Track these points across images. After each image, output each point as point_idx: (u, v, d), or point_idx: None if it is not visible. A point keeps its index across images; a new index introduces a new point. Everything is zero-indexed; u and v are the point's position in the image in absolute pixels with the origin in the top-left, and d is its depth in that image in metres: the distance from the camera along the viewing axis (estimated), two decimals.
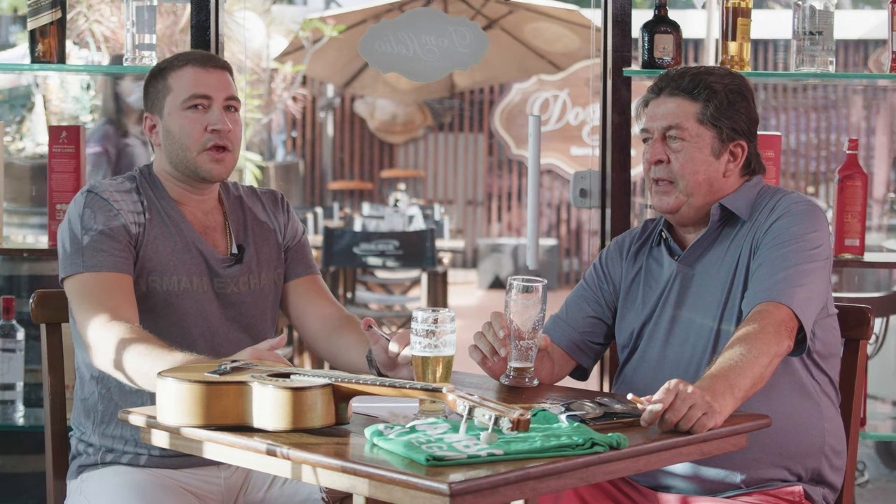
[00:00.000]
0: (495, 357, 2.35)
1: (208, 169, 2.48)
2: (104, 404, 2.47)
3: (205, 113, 2.48)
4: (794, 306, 2.30)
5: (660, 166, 2.49)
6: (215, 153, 2.48)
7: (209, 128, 2.47)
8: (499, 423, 1.79)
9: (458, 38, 3.38)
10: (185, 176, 2.52)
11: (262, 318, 2.59)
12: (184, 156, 2.49)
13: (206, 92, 2.48)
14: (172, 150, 2.50)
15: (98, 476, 2.44)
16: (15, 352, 3.32)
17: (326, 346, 2.58)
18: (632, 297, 2.60)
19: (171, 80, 2.49)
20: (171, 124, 2.49)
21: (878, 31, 11.84)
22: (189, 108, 2.47)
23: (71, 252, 2.40)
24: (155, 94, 2.52)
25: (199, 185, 2.53)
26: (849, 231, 3.25)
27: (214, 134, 2.47)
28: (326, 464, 1.83)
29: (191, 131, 2.47)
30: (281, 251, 2.64)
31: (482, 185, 13.71)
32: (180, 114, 2.48)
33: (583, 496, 2.41)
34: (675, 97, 2.49)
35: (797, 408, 2.40)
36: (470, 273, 13.06)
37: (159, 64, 2.55)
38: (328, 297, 2.66)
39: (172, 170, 2.52)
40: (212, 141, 2.47)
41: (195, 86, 2.48)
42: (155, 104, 2.52)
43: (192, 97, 2.47)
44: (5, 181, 3.86)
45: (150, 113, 2.54)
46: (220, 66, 2.52)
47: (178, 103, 2.48)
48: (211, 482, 2.51)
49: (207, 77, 2.49)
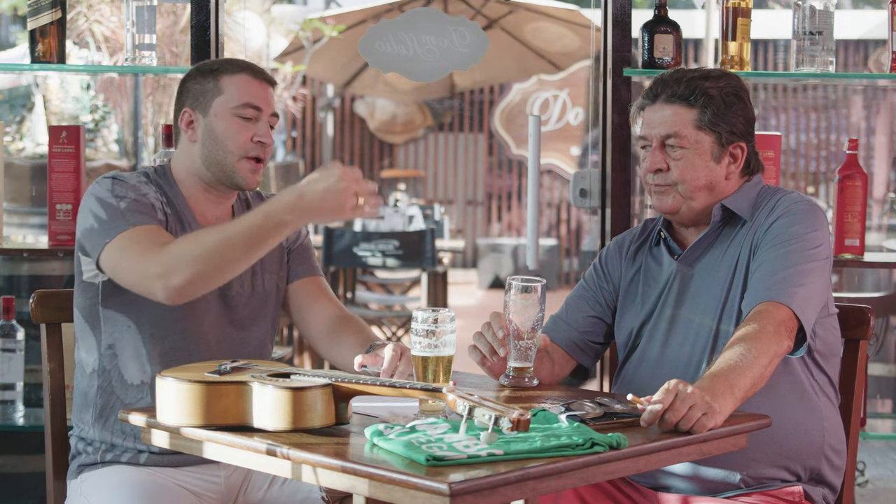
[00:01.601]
0: (495, 357, 2.35)
1: (244, 177, 2.50)
2: (104, 398, 2.47)
3: (253, 123, 2.50)
4: (793, 306, 2.30)
5: (659, 174, 2.49)
6: (254, 163, 2.50)
7: (255, 138, 2.49)
8: (499, 423, 1.79)
9: (458, 38, 3.38)
10: (214, 178, 2.52)
11: (264, 320, 2.59)
12: (223, 158, 2.49)
13: (259, 103, 2.50)
14: (211, 149, 2.50)
15: (98, 476, 2.44)
16: (15, 352, 3.32)
17: (328, 347, 2.58)
18: (631, 297, 2.60)
19: (224, 82, 2.50)
20: (217, 125, 2.49)
21: (878, 31, 11.84)
22: (239, 115, 2.49)
23: (109, 218, 2.37)
24: (201, 92, 2.51)
25: (224, 189, 2.54)
26: (849, 231, 3.25)
27: (258, 146, 2.50)
28: (326, 464, 1.83)
29: (237, 137, 2.48)
30: (284, 254, 2.64)
31: (482, 185, 13.71)
32: (230, 118, 2.49)
33: (583, 496, 2.41)
34: (672, 104, 2.48)
35: (797, 408, 2.40)
36: (470, 273, 13.06)
37: (208, 63, 2.56)
38: (330, 297, 2.66)
39: (202, 168, 2.52)
40: (254, 151, 2.49)
41: (250, 95, 2.49)
42: (199, 101, 2.51)
43: (245, 105, 2.48)
44: (5, 181, 3.86)
45: (191, 109, 2.52)
46: (270, 82, 2.55)
47: (230, 107, 2.48)
48: (211, 481, 2.51)
49: (260, 89, 2.51)
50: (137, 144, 7.18)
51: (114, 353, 2.45)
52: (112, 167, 6.26)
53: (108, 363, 2.46)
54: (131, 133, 7.26)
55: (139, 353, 2.44)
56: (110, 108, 7.45)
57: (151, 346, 2.43)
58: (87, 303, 2.48)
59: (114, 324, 2.45)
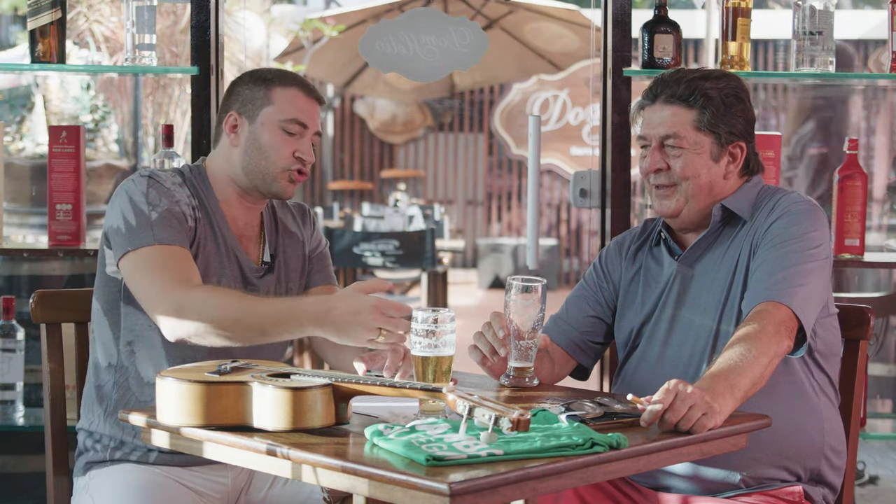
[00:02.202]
0: (495, 357, 2.35)
1: (284, 188, 2.53)
2: (119, 393, 2.47)
3: (298, 139, 2.52)
4: (793, 306, 2.30)
5: (660, 174, 2.50)
6: (295, 175, 2.53)
7: (297, 154, 2.52)
8: (499, 423, 1.79)
9: (458, 38, 3.38)
10: (251, 184, 2.54)
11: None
12: (265, 168, 2.51)
13: (306, 120, 2.53)
14: (253, 158, 2.52)
15: (105, 475, 2.45)
16: (15, 352, 3.32)
17: (333, 353, 2.59)
18: (631, 297, 2.60)
19: (276, 94, 2.52)
20: (262, 135, 2.51)
21: (878, 31, 11.84)
22: (285, 129, 2.51)
23: (137, 226, 2.39)
24: (251, 98, 2.53)
25: (258, 196, 2.56)
26: (849, 231, 3.25)
27: (299, 161, 2.52)
28: (326, 464, 1.83)
29: (281, 150, 2.51)
30: (306, 262, 2.67)
31: (482, 185, 13.70)
32: (276, 130, 2.51)
33: (583, 496, 2.41)
34: (671, 105, 2.48)
35: (797, 408, 2.40)
36: (470, 273, 13.06)
37: (262, 71, 2.57)
38: None
39: (240, 174, 2.54)
40: (296, 166, 2.52)
41: (299, 111, 2.52)
42: (247, 107, 2.53)
43: (293, 120, 2.51)
44: (5, 181, 3.86)
45: (238, 113, 2.54)
46: (320, 101, 2.58)
47: (278, 119, 2.51)
48: (218, 481, 2.52)
49: (310, 107, 2.54)
50: (137, 144, 7.17)
51: (132, 350, 2.46)
52: (112, 167, 6.25)
53: (126, 360, 2.46)
54: (131, 133, 7.25)
55: (158, 353, 2.44)
56: (110, 108, 7.45)
57: (171, 347, 2.42)
58: (109, 297, 2.49)
59: (134, 320, 2.45)
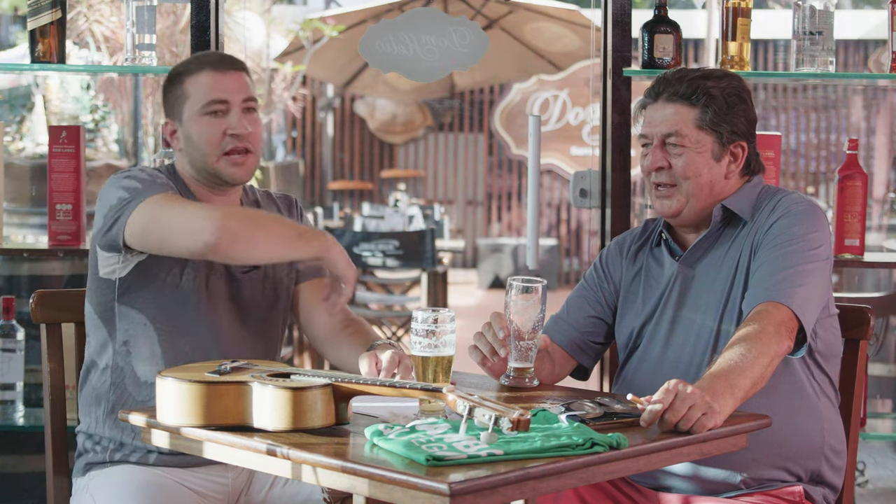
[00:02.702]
0: (495, 357, 2.35)
1: (230, 173, 2.48)
2: (117, 394, 2.47)
3: (224, 117, 2.47)
4: (794, 306, 2.30)
5: (661, 172, 2.49)
6: (236, 157, 2.48)
7: (228, 132, 2.46)
8: (499, 423, 1.79)
9: (458, 38, 3.38)
10: (206, 179, 2.52)
11: (275, 323, 2.59)
12: (204, 161, 2.48)
13: (224, 96, 2.47)
14: (193, 155, 2.49)
15: (105, 475, 2.44)
16: (15, 352, 3.32)
17: (330, 349, 2.59)
18: (632, 297, 2.60)
19: (188, 85, 2.48)
20: (191, 130, 2.48)
21: (878, 31, 11.84)
22: (207, 114, 2.46)
23: (140, 188, 2.35)
24: (173, 100, 2.51)
25: (223, 186, 2.54)
26: (849, 231, 3.25)
27: (234, 138, 2.47)
28: (326, 464, 1.83)
29: (210, 137, 2.46)
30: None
31: (482, 185, 13.70)
32: (199, 119, 2.47)
33: (583, 496, 2.41)
34: (674, 103, 2.48)
35: (797, 409, 2.40)
36: (470, 273, 13.06)
37: (176, 68, 2.53)
38: None
39: (195, 173, 2.52)
40: (231, 145, 2.47)
41: (212, 91, 2.46)
42: (174, 110, 2.51)
43: (210, 103, 2.46)
44: (5, 181, 3.86)
45: (169, 119, 2.53)
46: (236, 68, 2.50)
47: (196, 109, 2.47)
48: (218, 482, 2.51)
49: (224, 80, 2.48)
50: (137, 144, 7.17)
51: (128, 350, 2.46)
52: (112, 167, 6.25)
53: (122, 360, 2.46)
54: (131, 133, 7.25)
55: (154, 352, 2.44)
56: (110, 108, 7.45)
57: (167, 345, 2.43)
58: (103, 299, 2.48)
59: (129, 320, 2.45)
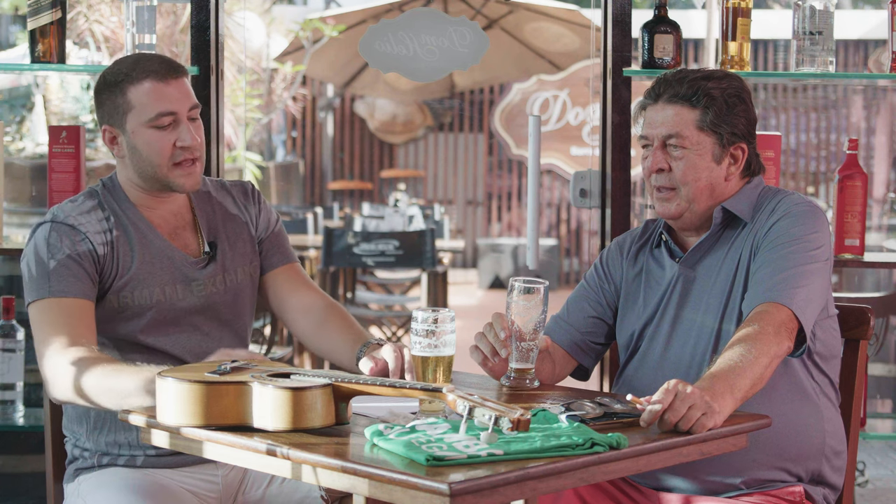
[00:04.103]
0: (496, 358, 2.35)
1: (181, 183, 2.44)
2: (96, 411, 2.44)
3: (173, 130, 2.41)
4: (794, 307, 2.30)
5: (661, 174, 2.49)
6: (187, 167, 2.44)
7: (178, 144, 2.42)
8: (499, 423, 1.79)
9: (458, 38, 3.38)
10: (153, 187, 2.47)
11: (242, 314, 2.56)
12: (153, 172, 2.43)
13: (172, 108, 2.41)
14: (140, 165, 2.44)
15: (95, 478, 2.44)
16: (15, 352, 3.32)
17: (317, 342, 2.55)
18: (632, 298, 2.60)
19: (131, 95, 2.40)
20: (137, 141, 2.42)
21: (878, 31, 11.84)
22: (155, 127, 2.41)
23: (38, 276, 2.37)
24: (113, 108, 2.43)
25: (171, 193, 2.49)
26: (849, 231, 3.25)
27: (184, 150, 2.43)
28: (326, 464, 1.83)
29: (160, 149, 2.41)
30: (255, 244, 2.60)
31: (482, 185, 13.70)
32: (146, 132, 2.41)
33: (583, 496, 2.41)
34: (674, 104, 2.48)
35: (797, 409, 2.40)
36: (470, 273, 13.06)
37: (114, 75, 2.43)
38: (309, 284, 2.61)
39: (140, 181, 2.47)
40: (181, 157, 2.43)
41: (160, 103, 2.40)
42: (114, 118, 2.43)
43: (157, 116, 2.40)
44: (5, 181, 3.86)
45: (109, 126, 2.45)
46: (178, 74, 2.43)
47: (144, 121, 2.40)
48: (209, 481, 2.51)
49: (169, 90, 2.41)
50: None
51: None
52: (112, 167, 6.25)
53: None
54: None
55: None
56: None
57: (136, 358, 2.37)
58: None
59: (100, 334, 2.42)
